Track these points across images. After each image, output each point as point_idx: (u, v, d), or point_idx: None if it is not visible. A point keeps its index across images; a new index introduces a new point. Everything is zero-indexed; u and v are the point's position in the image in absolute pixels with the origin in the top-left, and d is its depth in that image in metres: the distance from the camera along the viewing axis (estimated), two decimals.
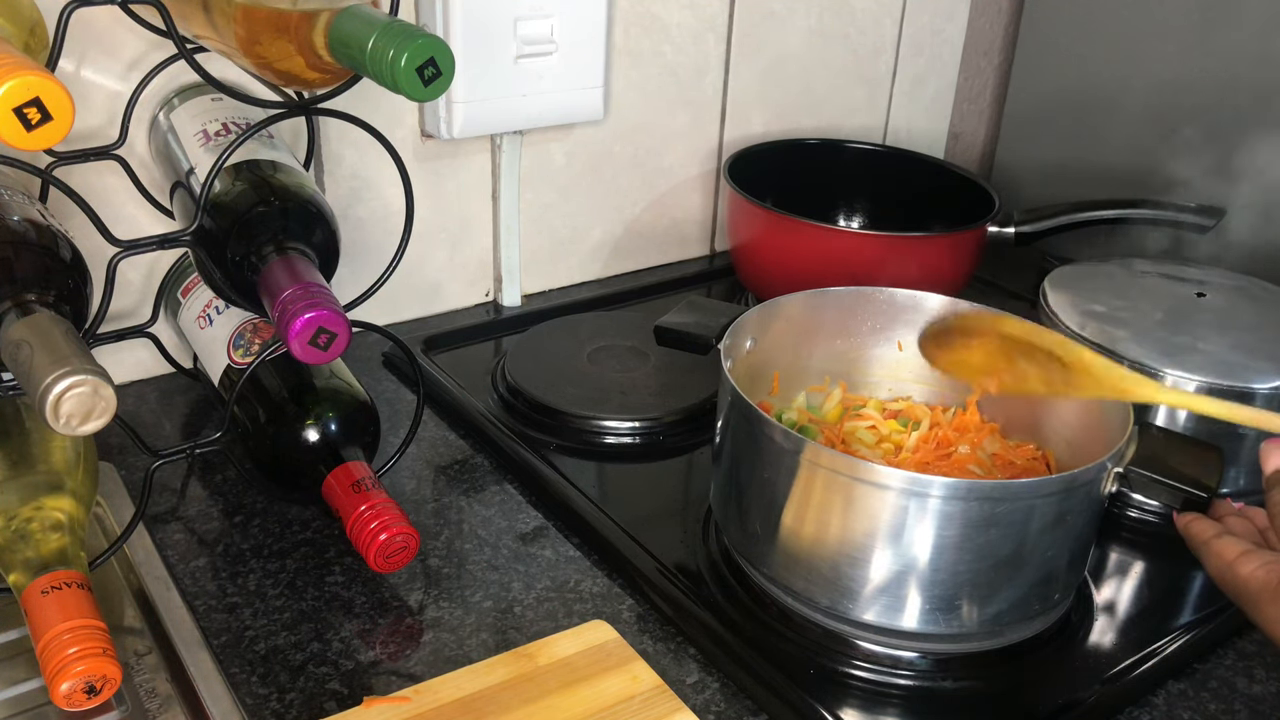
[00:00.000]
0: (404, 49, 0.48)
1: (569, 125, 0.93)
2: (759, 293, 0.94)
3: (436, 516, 0.69)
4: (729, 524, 0.65)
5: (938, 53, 1.15)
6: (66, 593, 0.51)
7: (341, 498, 0.61)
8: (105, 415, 0.48)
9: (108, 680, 0.49)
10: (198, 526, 0.67)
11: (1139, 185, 1.02)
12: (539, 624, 0.61)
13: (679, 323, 0.69)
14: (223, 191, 0.62)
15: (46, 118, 0.44)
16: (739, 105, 1.03)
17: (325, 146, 0.82)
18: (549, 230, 0.97)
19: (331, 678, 0.57)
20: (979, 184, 0.98)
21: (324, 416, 0.65)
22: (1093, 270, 0.83)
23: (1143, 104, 1.01)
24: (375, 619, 0.61)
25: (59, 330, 0.50)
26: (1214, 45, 0.95)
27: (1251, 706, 0.58)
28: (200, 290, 0.72)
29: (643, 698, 0.54)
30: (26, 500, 0.56)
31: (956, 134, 1.21)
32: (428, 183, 0.88)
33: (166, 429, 0.76)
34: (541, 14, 0.84)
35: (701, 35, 0.98)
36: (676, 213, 1.04)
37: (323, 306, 0.55)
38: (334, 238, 0.63)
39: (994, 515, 0.54)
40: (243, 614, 0.60)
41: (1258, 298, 0.79)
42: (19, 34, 0.56)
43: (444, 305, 0.93)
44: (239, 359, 0.67)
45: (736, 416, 0.61)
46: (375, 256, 0.80)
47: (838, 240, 0.92)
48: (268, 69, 0.54)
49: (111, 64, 0.72)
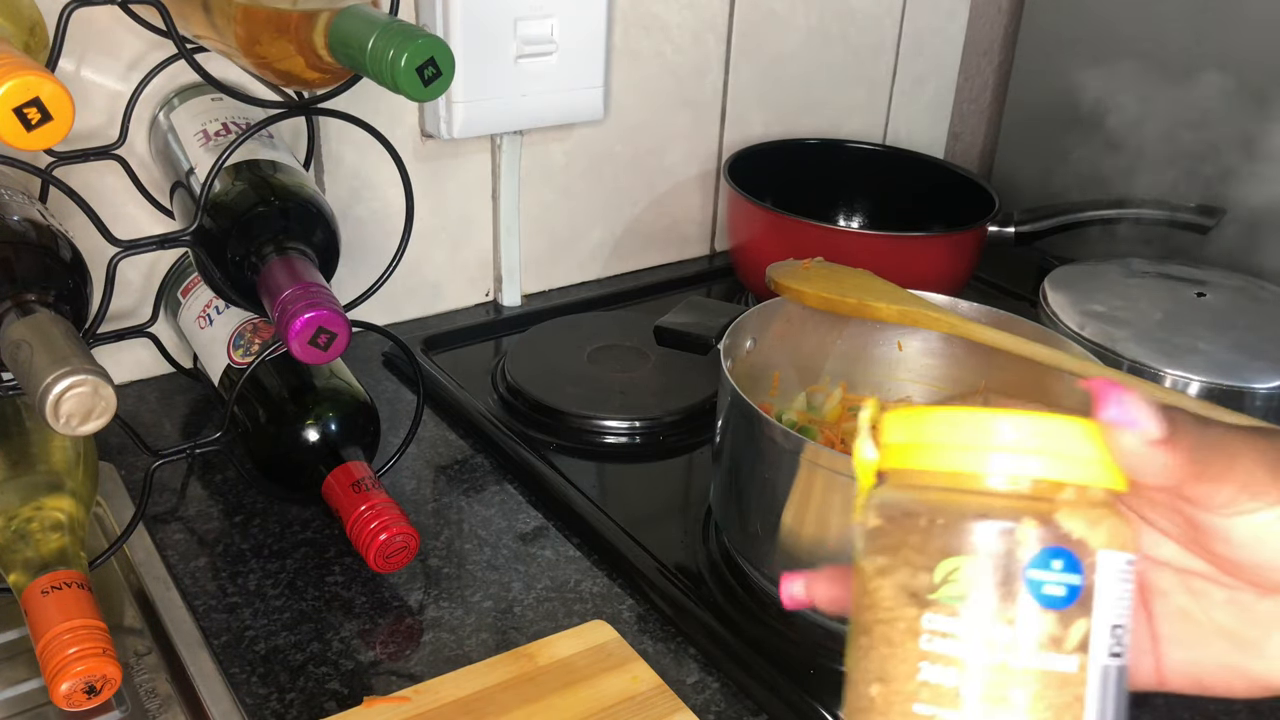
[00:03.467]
0: (404, 49, 0.48)
1: (569, 125, 0.93)
2: (759, 293, 0.94)
3: (436, 516, 0.69)
4: (729, 524, 0.65)
5: (938, 53, 1.15)
6: (66, 593, 0.51)
7: (341, 498, 0.61)
8: (105, 415, 0.48)
9: (108, 680, 0.49)
10: (198, 526, 0.67)
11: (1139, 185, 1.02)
12: (539, 624, 0.61)
13: (679, 323, 0.69)
14: (223, 191, 0.62)
15: (46, 118, 0.44)
16: (739, 105, 1.03)
17: (325, 146, 0.82)
18: (549, 230, 0.96)
19: (331, 678, 0.57)
20: (979, 184, 0.98)
21: (324, 416, 0.65)
22: (1093, 270, 0.83)
23: (1144, 103, 1.01)
24: (375, 619, 0.61)
25: (59, 330, 0.50)
26: (1214, 43, 0.95)
27: (1252, 706, 0.58)
28: (200, 290, 0.72)
29: (643, 698, 0.54)
30: (27, 500, 0.56)
31: (956, 134, 1.21)
32: (428, 183, 0.88)
33: (166, 429, 0.76)
34: (541, 14, 0.84)
35: (701, 35, 0.98)
36: (676, 213, 1.04)
37: (322, 306, 0.55)
38: (334, 238, 0.63)
39: None
40: (243, 614, 0.60)
41: (1258, 298, 0.79)
42: (19, 34, 0.56)
43: (444, 305, 0.93)
44: (239, 359, 0.67)
45: (736, 416, 0.61)
46: (375, 256, 0.80)
47: (838, 240, 0.92)
48: (267, 69, 0.54)
49: (111, 64, 0.72)
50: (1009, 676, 0.29)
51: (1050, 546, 0.29)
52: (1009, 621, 0.29)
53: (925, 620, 0.30)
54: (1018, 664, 0.29)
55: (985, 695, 0.29)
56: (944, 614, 0.29)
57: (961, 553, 0.29)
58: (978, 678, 0.29)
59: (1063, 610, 0.29)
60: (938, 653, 0.29)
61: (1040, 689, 0.29)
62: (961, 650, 0.29)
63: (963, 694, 0.29)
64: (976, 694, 0.29)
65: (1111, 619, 0.29)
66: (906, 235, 0.91)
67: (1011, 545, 0.29)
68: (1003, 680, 0.29)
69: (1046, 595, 0.29)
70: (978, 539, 0.29)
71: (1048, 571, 0.29)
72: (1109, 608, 0.29)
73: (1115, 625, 0.29)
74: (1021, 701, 0.29)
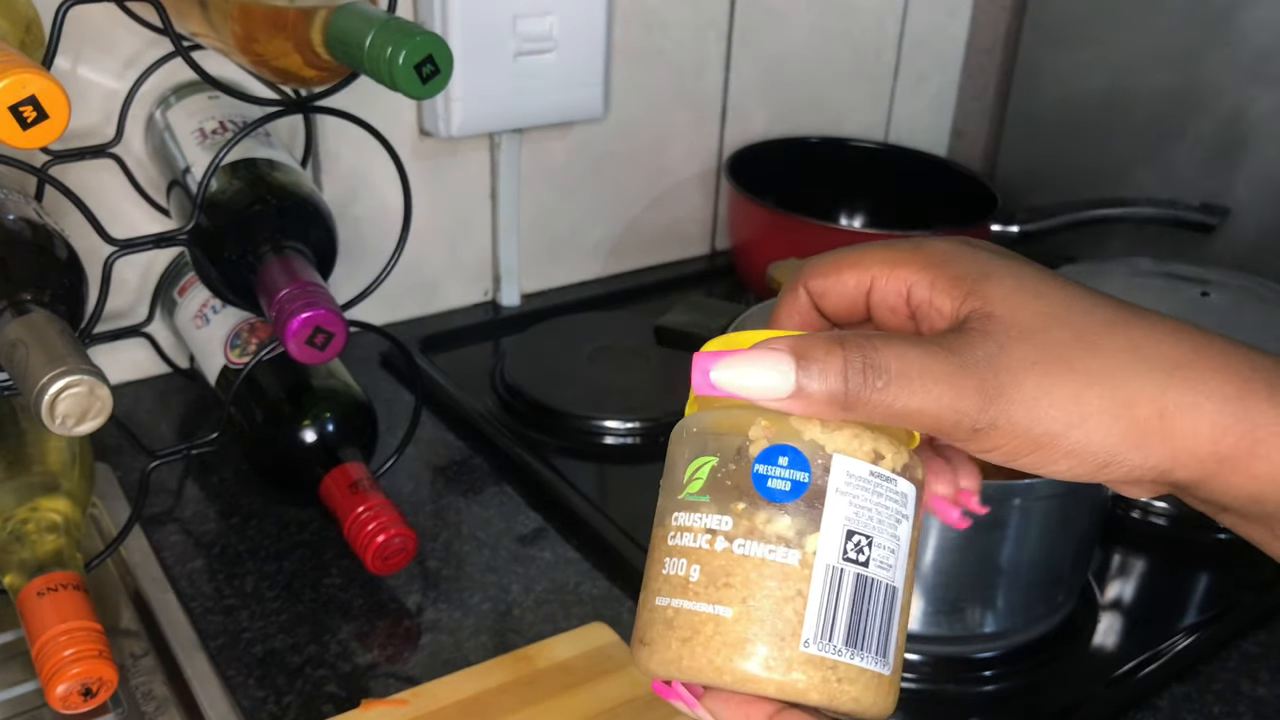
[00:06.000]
0: (402, 46, 0.47)
1: (568, 124, 0.93)
2: (760, 292, 0.93)
3: (435, 518, 0.69)
4: None
5: (940, 50, 1.15)
6: (62, 594, 0.50)
7: (339, 499, 0.61)
8: (101, 415, 0.47)
9: (104, 682, 0.49)
10: (194, 528, 0.66)
11: (1143, 183, 1.01)
12: (538, 626, 0.60)
13: (679, 323, 0.69)
14: (219, 190, 0.61)
15: (42, 116, 0.44)
16: (740, 103, 1.03)
17: (323, 145, 0.82)
18: (548, 229, 0.96)
19: (329, 680, 0.56)
20: (982, 182, 0.98)
21: (321, 417, 0.65)
22: (1096, 269, 0.83)
23: (1147, 101, 1.01)
24: (373, 621, 0.60)
25: (55, 330, 0.49)
26: (1218, 40, 0.94)
27: (1256, 709, 0.57)
28: (197, 289, 0.71)
29: (642, 701, 0.54)
30: (22, 501, 0.55)
31: (959, 132, 1.20)
32: (426, 181, 0.87)
33: (163, 429, 0.76)
34: (541, 11, 0.84)
35: (702, 33, 0.97)
36: (677, 212, 1.04)
37: (320, 306, 0.55)
38: (331, 237, 0.63)
39: (997, 517, 0.54)
40: (239, 616, 0.60)
41: (1263, 298, 0.79)
42: (14, 31, 0.56)
43: (442, 305, 0.93)
44: (236, 359, 0.67)
45: None
46: (373, 255, 0.79)
47: (840, 239, 0.92)
48: (265, 67, 0.54)
49: (108, 62, 0.71)
50: (731, 563, 0.30)
51: (778, 444, 0.31)
52: (735, 513, 0.30)
53: (672, 518, 0.32)
54: (739, 551, 0.30)
55: (708, 581, 0.30)
56: (686, 510, 0.31)
57: (705, 454, 0.32)
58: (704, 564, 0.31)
59: (787, 504, 0.30)
60: (677, 545, 0.31)
61: (759, 577, 0.30)
62: (693, 540, 0.31)
63: (690, 581, 0.31)
64: (701, 581, 0.30)
65: (846, 524, 0.30)
66: (909, 234, 0.90)
67: (744, 442, 0.31)
68: (725, 567, 0.30)
69: (772, 489, 0.30)
70: (719, 440, 0.31)
71: (773, 467, 0.31)
72: (841, 511, 0.30)
73: (854, 531, 0.30)
74: (740, 588, 0.30)
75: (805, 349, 0.30)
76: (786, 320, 0.37)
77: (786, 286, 0.37)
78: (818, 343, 0.30)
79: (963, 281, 0.32)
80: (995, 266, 0.32)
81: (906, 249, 0.34)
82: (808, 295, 0.36)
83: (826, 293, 0.35)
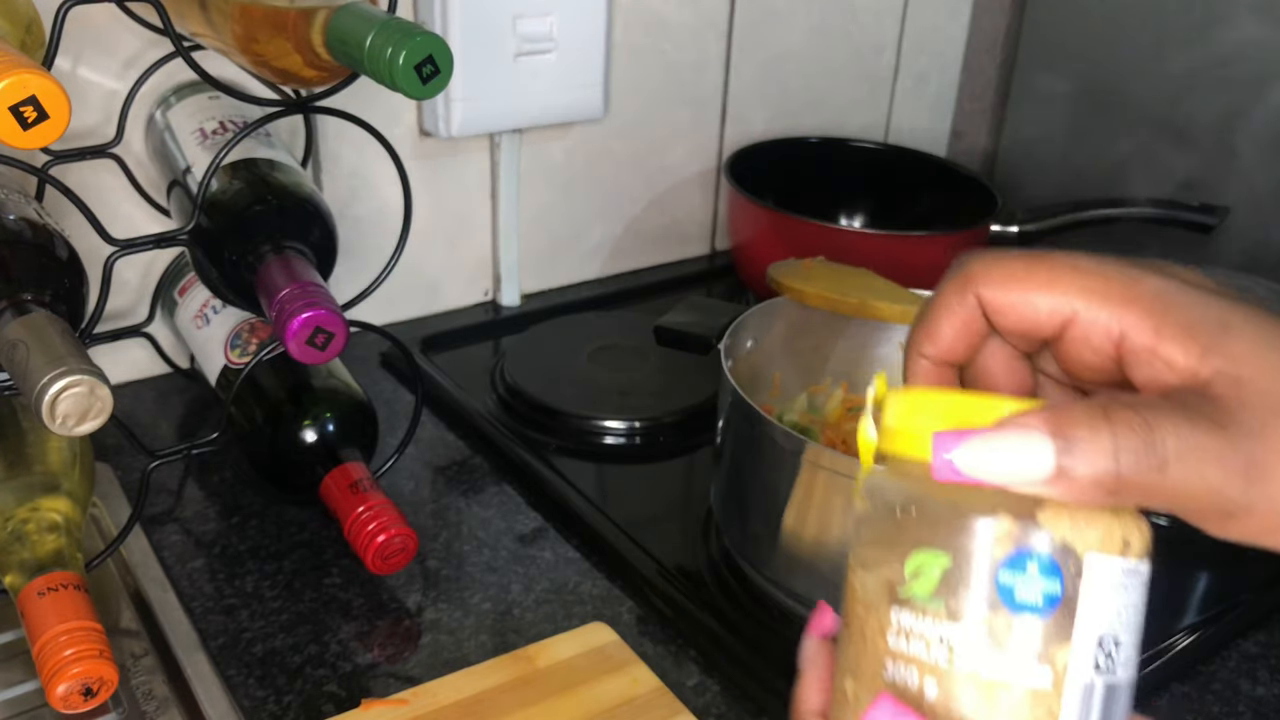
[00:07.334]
0: (402, 46, 0.47)
1: (568, 124, 0.93)
2: (760, 292, 0.93)
3: (435, 518, 0.69)
4: (730, 525, 0.64)
5: (940, 50, 1.15)
6: (63, 594, 0.50)
7: (339, 499, 0.61)
8: (102, 415, 0.47)
9: (104, 682, 0.49)
10: (195, 528, 0.66)
11: (1143, 184, 1.01)
12: (538, 626, 0.60)
13: (679, 323, 0.69)
14: (220, 190, 0.61)
15: (43, 116, 0.44)
16: (740, 103, 1.03)
17: (323, 145, 0.82)
18: (548, 229, 0.96)
19: (329, 680, 0.56)
20: (981, 182, 0.98)
21: (321, 417, 0.65)
22: None
23: (1146, 101, 1.01)
24: (373, 621, 0.60)
25: (55, 330, 0.49)
26: (1216, 41, 0.94)
27: (1255, 709, 0.57)
28: (197, 290, 0.71)
29: (643, 700, 0.54)
30: (23, 501, 0.55)
31: (959, 132, 1.20)
32: (426, 181, 0.87)
33: (163, 429, 0.76)
34: (541, 11, 0.84)
35: (702, 33, 0.97)
36: (677, 212, 1.04)
37: (320, 306, 0.55)
38: (332, 237, 0.63)
39: None
40: (240, 616, 0.60)
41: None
42: (15, 32, 0.56)
43: (442, 305, 0.93)
44: (236, 359, 0.67)
45: (737, 417, 0.61)
46: (373, 255, 0.79)
47: (839, 239, 0.92)
48: (265, 67, 0.54)
49: (108, 62, 0.71)
50: (974, 685, 0.27)
51: (1026, 548, 0.26)
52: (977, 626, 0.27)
53: (893, 616, 0.28)
54: (985, 674, 0.27)
55: (948, 702, 0.27)
56: (911, 611, 0.27)
57: (933, 547, 0.27)
58: (941, 683, 0.27)
59: (1039, 617, 0.26)
60: (903, 652, 0.27)
61: (1010, 701, 0.27)
62: (925, 652, 0.27)
63: (926, 698, 0.27)
64: (940, 700, 0.27)
65: (1099, 630, 0.27)
66: (909, 234, 0.90)
67: (984, 543, 0.27)
68: (967, 689, 0.27)
69: (1020, 601, 0.26)
70: (949, 534, 0.27)
71: (1022, 575, 0.26)
72: (1096, 618, 0.27)
73: (1105, 636, 0.27)
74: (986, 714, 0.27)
75: (1065, 425, 0.26)
76: (946, 327, 0.32)
77: (950, 285, 0.31)
78: (1078, 417, 0.26)
79: (1198, 333, 0.28)
80: (1229, 314, 0.28)
81: (1116, 281, 0.29)
82: (979, 305, 0.31)
83: (1007, 311, 0.30)
